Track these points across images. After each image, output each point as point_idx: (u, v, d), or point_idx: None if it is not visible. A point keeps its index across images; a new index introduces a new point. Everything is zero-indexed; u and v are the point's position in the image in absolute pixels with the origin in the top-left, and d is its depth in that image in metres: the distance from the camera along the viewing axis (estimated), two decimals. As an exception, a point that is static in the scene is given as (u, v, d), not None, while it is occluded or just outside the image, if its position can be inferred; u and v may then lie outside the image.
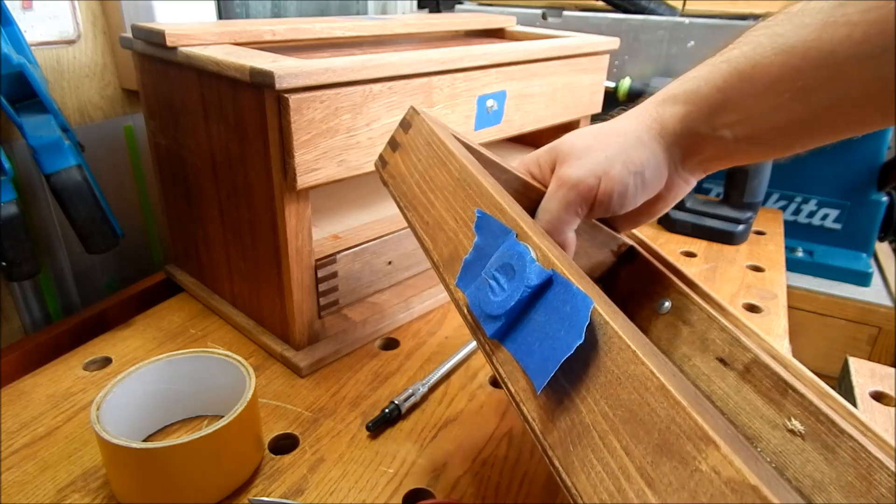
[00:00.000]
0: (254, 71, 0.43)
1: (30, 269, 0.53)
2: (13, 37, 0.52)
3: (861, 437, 0.30)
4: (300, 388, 0.51)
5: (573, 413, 0.25)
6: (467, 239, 0.32)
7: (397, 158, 0.38)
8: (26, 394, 0.49)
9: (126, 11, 0.63)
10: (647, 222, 0.42)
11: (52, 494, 0.40)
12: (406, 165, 0.38)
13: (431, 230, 0.34)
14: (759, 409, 0.34)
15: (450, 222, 0.33)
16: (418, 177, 0.36)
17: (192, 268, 0.65)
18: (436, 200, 0.35)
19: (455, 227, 0.33)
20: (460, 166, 0.33)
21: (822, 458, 0.31)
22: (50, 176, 0.52)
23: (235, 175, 0.51)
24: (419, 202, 0.36)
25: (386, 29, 0.66)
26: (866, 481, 0.29)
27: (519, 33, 0.76)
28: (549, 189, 0.37)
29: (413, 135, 0.38)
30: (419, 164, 0.37)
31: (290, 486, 0.41)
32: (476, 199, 0.32)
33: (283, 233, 0.48)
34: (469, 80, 0.55)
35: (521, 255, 0.27)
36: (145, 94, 0.59)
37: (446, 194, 0.34)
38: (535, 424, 0.26)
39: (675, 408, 0.21)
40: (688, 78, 0.36)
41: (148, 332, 0.58)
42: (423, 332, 0.59)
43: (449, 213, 0.34)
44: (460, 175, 0.33)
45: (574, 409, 0.25)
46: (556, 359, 0.24)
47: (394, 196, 0.38)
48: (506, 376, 0.28)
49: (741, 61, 0.32)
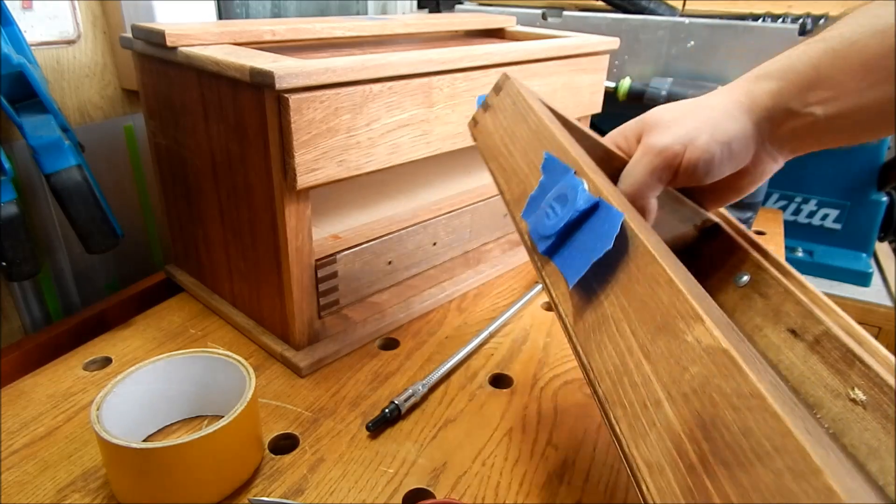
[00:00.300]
0: (254, 71, 0.43)
1: (30, 269, 0.53)
2: (13, 37, 0.52)
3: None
4: (300, 388, 0.51)
5: (597, 307, 0.29)
6: (535, 180, 0.35)
7: (486, 118, 0.42)
8: (26, 394, 0.49)
9: (126, 11, 0.63)
10: (735, 200, 0.43)
11: (52, 494, 0.40)
12: (494, 123, 0.41)
13: (507, 174, 0.38)
14: (823, 379, 0.35)
15: (524, 167, 0.37)
16: (503, 132, 0.40)
17: (192, 268, 0.65)
18: (514, 150, 0.38)
19: (527, 171, 0.36)
20: (538, 119, 0.37)
21: (881, 427, 0.32)
22: (50, 176, 0.52)
23: (235, 175, 0.51)
24: (500, 153, 0.40)
25: (386, 29, 0.66)
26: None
27: (519, 33, 0.76)
28: (635, 156, 0.37)
29: (502, 97, 0.41)
30: (504, 121, 0.40)
31: (290, 486, 0.41)
32: (546, 145, 0.35)
33: (283, 233, 0.48)
34: (469, 80, 0.55)
35: (574, 186, 0.31)
36: (145, 94, 0.59)
37: (523, 144, 0.38)
38: (567, 320, 0.31)
39: (677, 295, 0.25)
40: (782, 57, 0.36)
41: (148, 332, 0.58)
42: (423, 332, 0.59)
43: (523, 160, 0.37)
44: (537, 127, 0.37)
45: (598, 304, 0.29)
46: (588, 260, 0.29)
47: (480, 150, 0.42)
48: (550, 285, 0.33)
49: (837, 41, 0.33)
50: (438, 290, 0.65)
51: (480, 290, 0.68)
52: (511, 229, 0.72)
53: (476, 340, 0.56)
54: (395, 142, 0.51)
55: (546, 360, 0.56)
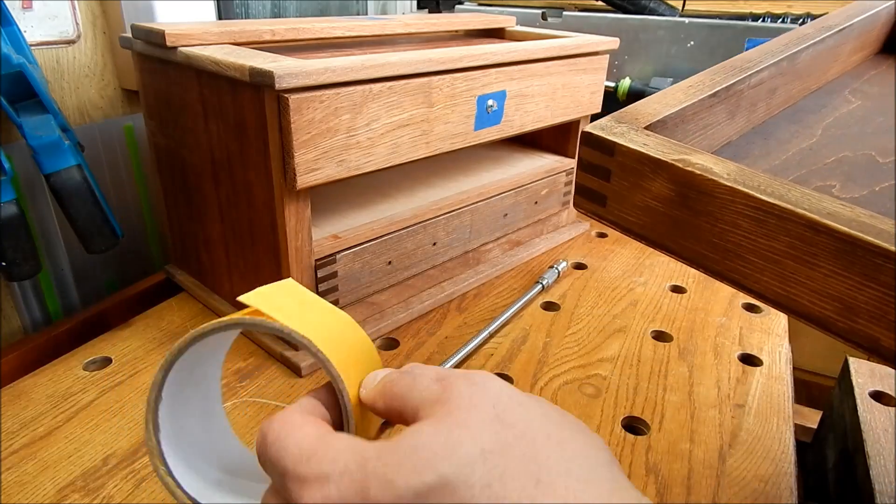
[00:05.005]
0: (253, 71, 0.43)
1: (30, 269, 0.53)
2: (13, 37, 0.52)
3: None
4: (300, 388, 0.51)
5: None
6: None
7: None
8: (26, 394, 0.49)
9: (126, 11, 0.63)
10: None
11: (51, 494, 0.40)
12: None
13: None
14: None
15: None
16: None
17: (191, 268, 0.65)
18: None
19: None
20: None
21: None
22: (50, 176, 0.52)
23: (235, 175, 0.51)
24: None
25: (386, 29, 0.66)
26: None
27: (519, 33, 0.76)
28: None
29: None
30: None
31: (290, 486, 0.41)
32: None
33: (283, 233, 0.48)
34: (469, 80, 0.55)
35: None
36: (145, 93, 0.59)
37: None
38: None
39: None
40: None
41: (148, 332, 0.58)
42: (422, 332, 0.59)
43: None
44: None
45: None
46: None
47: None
48: None
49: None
50: (438, 290, 0.65)
51: (480, 290, 0.68)
52: (511, 229, 0.72)
53: (476, 340, 0.56)
54: (395, 142, 0.51)
55: (546, 360, 0.56)
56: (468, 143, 0.58)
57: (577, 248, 0.79)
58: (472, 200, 0.65)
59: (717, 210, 0.26)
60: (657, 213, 0.30)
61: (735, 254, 0.26)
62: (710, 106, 0.36)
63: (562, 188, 0.77)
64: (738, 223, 0.26)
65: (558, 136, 0.79)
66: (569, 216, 0.82)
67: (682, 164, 0.28)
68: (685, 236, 0.29)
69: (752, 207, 0.25)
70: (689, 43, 0.90)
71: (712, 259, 0.28)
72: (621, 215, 0.32)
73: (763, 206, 0.24)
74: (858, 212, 0.23)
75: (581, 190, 0.34)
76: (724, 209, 0.26)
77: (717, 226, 0.27)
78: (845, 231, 0.22)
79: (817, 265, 0.23)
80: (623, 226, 0.32)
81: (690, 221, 0.28)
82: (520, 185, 0.70)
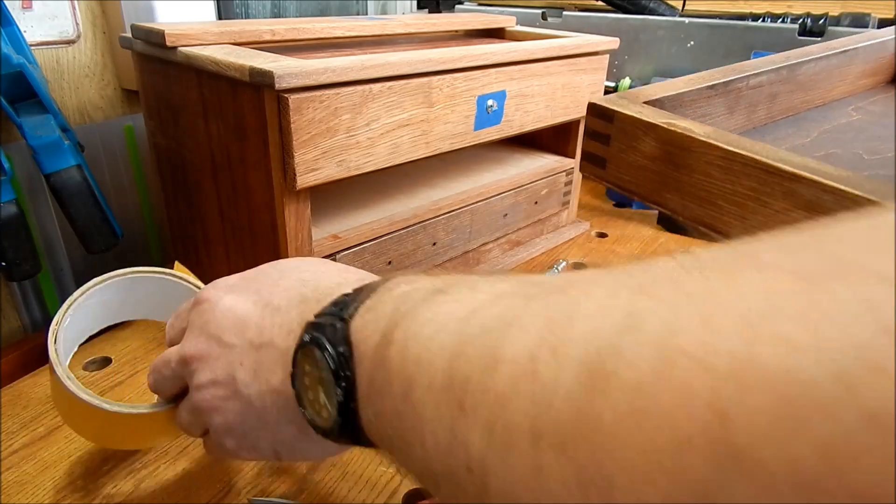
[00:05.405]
0: (253, 71, 0.43)
1: (30, 269, 0.53)
2: (13, 37, 0.52)
3: None
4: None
5: None
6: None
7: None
8: (26, 394, 0.49)
9: (126, 11, 0.63)
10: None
11: (51, 494, 0.40)
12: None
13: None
14: None
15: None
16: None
17: (192, 267, 0.65)
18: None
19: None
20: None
21: None
22: (50, 176, 0.52)
23: (235, 175, 0.51)
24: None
25: (386, 29, 0.66)
26: None
27: (519, 33, 0.76)
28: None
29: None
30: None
31: (291, 486, 0.41)
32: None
33: (283, 233, 0.48)
34: (469, 80, 0.55)
35: None
36: (145, 93, 0.59)
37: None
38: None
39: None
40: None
41: (148, 331, 0.58)
42: (422, 332, 0.59)
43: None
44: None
45: None
46: None
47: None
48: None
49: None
50: (438, 290, 0.64)
51: (480, 290, 0.68)
52: (511, 229, 0.72)
53: (476, 340, 0.56)
54: (395, 142, 0.51)
55: (546, 360, 0.55)
56: (468, 143, 0.58)
57: (577, 249, 0.79)
58: (471, 200, 0.65)
59: (694, 162, 0.31)
60: (647, 171, 0.34)
61: (707, 200, 0.31)
62: (708, 97, 0.39)
63: (562, 188, 0.77)
64: (710, 172, 0.30)
65: (558, 136, 0.79)
66: (569, 216, 0.82)
67: (667, 126, 0.32)
68: (669, 189, 0.33)
69: (721, 157, 0.29)
70: (689, 43, 0.90)
71: (690, 208, 0.32)
72: (618, 175, 0.36)
73: (729, 156, 0.29)
74: (807, 159, 0.27)
75: (586, 155, 0.38)
76: (699, 160, 0.31)
77: (693, 176, 0.31)
78: (792, 171, 0.26)
79: (770, 203, 0.27)
80: (620, 185, 0.37)
81: (673, 175, 0.33)
82: (520, 185, 0.70)
